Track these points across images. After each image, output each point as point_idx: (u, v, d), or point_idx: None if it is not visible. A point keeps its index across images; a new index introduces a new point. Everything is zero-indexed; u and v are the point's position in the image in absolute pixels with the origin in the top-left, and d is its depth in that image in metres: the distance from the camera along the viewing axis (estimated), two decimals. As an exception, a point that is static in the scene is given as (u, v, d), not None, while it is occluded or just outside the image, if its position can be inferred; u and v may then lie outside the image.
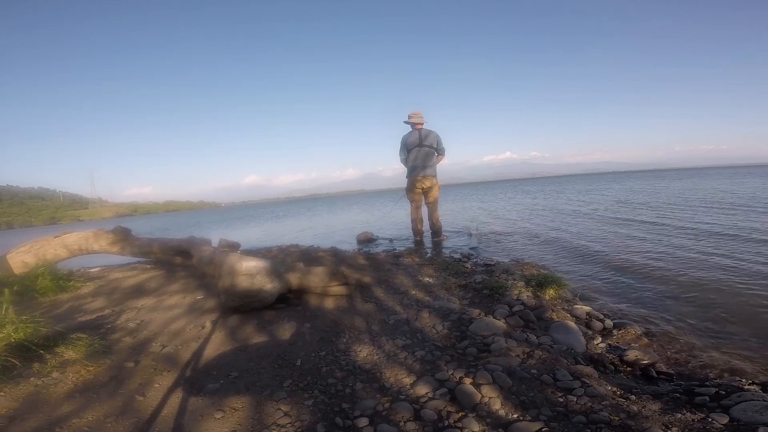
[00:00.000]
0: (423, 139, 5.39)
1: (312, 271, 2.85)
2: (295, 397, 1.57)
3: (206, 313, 2.61)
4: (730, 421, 1.31)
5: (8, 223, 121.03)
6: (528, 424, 1.32)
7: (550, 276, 3.02)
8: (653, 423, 1.30)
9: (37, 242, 4.52)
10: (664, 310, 2.63)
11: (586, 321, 2.43)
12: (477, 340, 2.03)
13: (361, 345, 2.03)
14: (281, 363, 1.86)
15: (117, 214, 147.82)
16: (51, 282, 3.55)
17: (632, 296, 2.97)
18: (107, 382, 1.73)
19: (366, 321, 2.37)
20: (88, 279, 4.04)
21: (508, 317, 2.37)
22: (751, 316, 2.42)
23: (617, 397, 1.50)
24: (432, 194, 5.55)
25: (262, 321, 2.40)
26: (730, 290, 2.89)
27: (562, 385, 1.57)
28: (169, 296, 3.13)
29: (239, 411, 1.50)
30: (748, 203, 8.22)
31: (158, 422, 1.44)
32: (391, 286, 3.07)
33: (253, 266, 2.51)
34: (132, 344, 2.17)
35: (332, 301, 2.71)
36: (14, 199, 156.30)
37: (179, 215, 60.02)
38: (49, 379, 1.73)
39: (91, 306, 3.04)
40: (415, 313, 2.47)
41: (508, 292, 2.75)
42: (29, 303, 3.15)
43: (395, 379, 1.69)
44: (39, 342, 1.96)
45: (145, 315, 2.69)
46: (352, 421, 1.41)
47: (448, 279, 3.26)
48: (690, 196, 10.95)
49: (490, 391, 1.51)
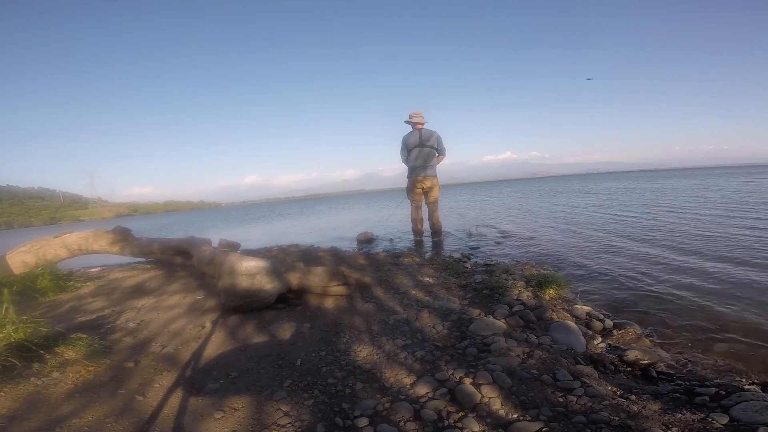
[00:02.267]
0: (424, 139, 5.39)
1: (312, 271, 2.85)
2: (295, 397, 1.57)
3: (206, 313, 2.61)
4: (730, 421, 1.31)
5: (8, 223, 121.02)
6: (528, 424, 1.32)
7: (550, 276, 3.02)
8: (653, 423, 1.30)
9: (37, 242, 4.52)
10: (664, 310, 2.63)
11: (586, 321, 2.43)
12: (477, 340, 2.03)
13: (361, 345, 2.03)
14: (281, 363, 1.86)
15: (117, 214, 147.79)
16: (51, 282, 3.55)
17: (632, 296, 2.96)
18: (107, 382, 1.73)
19: (366, 321, 2.37)
20: (88, 279, 4.04)
21: (508, 317, 2.36)
22: (751, 316, 2.41)
23: (617, 397, 1.50)
24: (432, 194, 5.55)
25: (262, 321, 2.40)
26: (730, 290, 2.88)
27: (562, 385, 1.57)
28: (169, 296, 3.13)
29: (239, 411, 1.50)
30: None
31: (158, 422, 1.44)
32: (391, 286, 3.07)
33: (253, 266, 2.52)
34: (132, 344, 2.17)
35: (332, 301, 2.71)
36: (14, 199, 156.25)
37: (179, 215, 60.02)
38: (49, 379, 1.73)
39: (91, 306, 3.04)
40: (415, 313, 2.47)
41: (508, 292, 2.75)
42: (29, 303, 3.14)
43: (395, 379, 1.69)
44: (39, 342, 1.96)
45: (145, 315, 2.69)
46: (352, 421, 1.41)
47: (448, 279, 3.25)
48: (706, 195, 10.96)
49: (490, 391, 1.51)
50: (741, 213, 6.75)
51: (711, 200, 9.36)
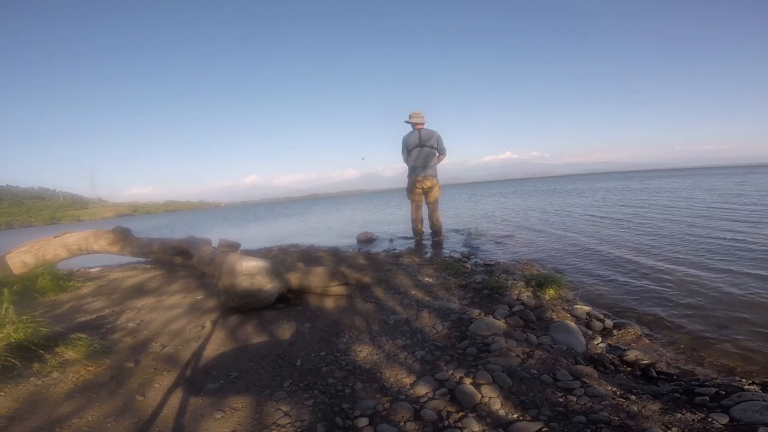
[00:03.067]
0: (424, 139, 5.39)
1: (312, 271, 2.85)
2: (295, 397, 1.57)
3: (206, 313, 2.61)
4: (730, 421, 1.31)
5: (8, 223, 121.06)
6: (528, 424, 1.32)
7: (550, 276, 3.02)
8: (653, 423, 1.30)
9: (37, 242, 4.51)
10: (664, 311, 2.63)
11: (586, 321, 2.43)
12: (477, 340, 2.03)
13: (361, 345, 2.03)
14: (281, 363, 1.86)
15: (117, 214, 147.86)
16: (51, 282, 3.55)
17: (632, 296, 2.96)
18: (107, 382, 1.73)
19: (366, 321, 2.37)
20: (88, 279, 4.04)
21: (508, 317, 2.36)
22: (751, 317, 2.41)
23: (617, 397, 1.50)
24: (432, 194, 5.55)
25: (262, 321, 2.40)
26: (730, 291, 2.88)
27: (562, 385, 1.57)
28: (169, 296, 3.13)
29: (239, 411, 1.50)
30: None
31: (158, 422, 1.44)
32: (391, 286, 3.07)
33: (253, 266, 2.52)
34: (132, 344, 2.17)
35: (332, 301, 2.71)
36: (14, 199, 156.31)
37: (179, 215, 60.02)
38: (49, 379, 1.73)
39: (91, 306, 3.04)
40: (415, 313, 2.47)
41: (508, 292, 2.75)
42: (29, 303, 3.14)
43: (395, 379, 1.69)
44: (39, 342, 1.96)
45: (145, 315, 2.69)
46: (352, 421, 1.41)
47: (448, 279, 3.25)
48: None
49: (490, 391, 1.51)
50: (744, 213, 6.75)
51: (711, 201, 9.36)
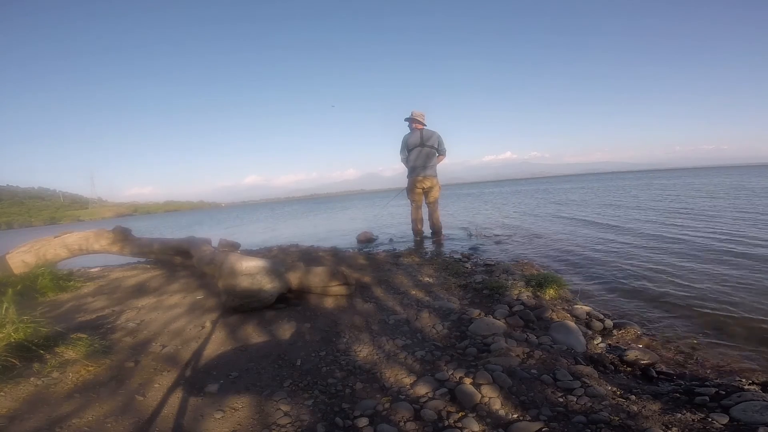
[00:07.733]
0: (424, 139, 5.39)
1: (312, 271, 2.85)
2: (295, 397, 1.57)
3: (206, 313, 2.61)
4: (730, 421, 1.31)
5: (8, 223, 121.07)
6: (528, 424, 1.32)
7: (550, 276, 3.02)
8: (653, 423, 1.30)
9: (37, 242, 4.51)
10: (664, 311, 2.63)
11: (586, 321, 2.43)
12: (477, 340, 2.03)
13: (361, 345, 2.03)
14: (281, 363, 1.86)
15: (117, 214, 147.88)
16: (51, 282, 3.54)
17: (632, 296, 2.96)
18: (107, 382, 1.73)
19: (366, 321, 2.37)
20: (89, 279, 4.03)
21: (508, 317, 2.36)
22: (752, 317, 2.41)
23: (617, 397, 1.50)
24: (432, 194, 5.55)
25: (262, 321, 2.39)
26: (730, 291, 2.88)
27: (562, 385, 1.57)
28: (170, 296, 3.13)
29: (239, 411, 1.50)
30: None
31: (158, 422, 1.44)
32: (391, 286, 3.07)
33: (253, 266, 2.52)
34: (132, 344, 2.17)
35: (332, 301, 2.71)
36: (14, 199, 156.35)
37: (179, 215, 60.03)
38: (49, 379, 1.73)
39: (91, 306, 3.04)
40: (415, 313, 2.47)
41: (508, 292, 2.75)
42: (29, 303, 3.14)
43: (395, 379, 1.69)
44: (39, 342, 1.96)
45: (145, 315, 2.69)
46: (352, 421, 1.41)
47: (448, 279, 3.25)
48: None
49: (490, 391, 1.51)
50: (752, 213, 6.75)
51: (718, 199, 9.35)
